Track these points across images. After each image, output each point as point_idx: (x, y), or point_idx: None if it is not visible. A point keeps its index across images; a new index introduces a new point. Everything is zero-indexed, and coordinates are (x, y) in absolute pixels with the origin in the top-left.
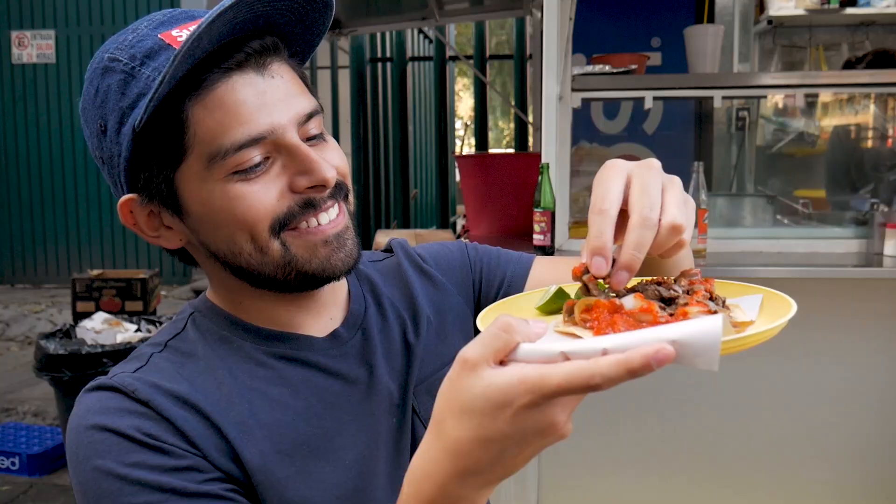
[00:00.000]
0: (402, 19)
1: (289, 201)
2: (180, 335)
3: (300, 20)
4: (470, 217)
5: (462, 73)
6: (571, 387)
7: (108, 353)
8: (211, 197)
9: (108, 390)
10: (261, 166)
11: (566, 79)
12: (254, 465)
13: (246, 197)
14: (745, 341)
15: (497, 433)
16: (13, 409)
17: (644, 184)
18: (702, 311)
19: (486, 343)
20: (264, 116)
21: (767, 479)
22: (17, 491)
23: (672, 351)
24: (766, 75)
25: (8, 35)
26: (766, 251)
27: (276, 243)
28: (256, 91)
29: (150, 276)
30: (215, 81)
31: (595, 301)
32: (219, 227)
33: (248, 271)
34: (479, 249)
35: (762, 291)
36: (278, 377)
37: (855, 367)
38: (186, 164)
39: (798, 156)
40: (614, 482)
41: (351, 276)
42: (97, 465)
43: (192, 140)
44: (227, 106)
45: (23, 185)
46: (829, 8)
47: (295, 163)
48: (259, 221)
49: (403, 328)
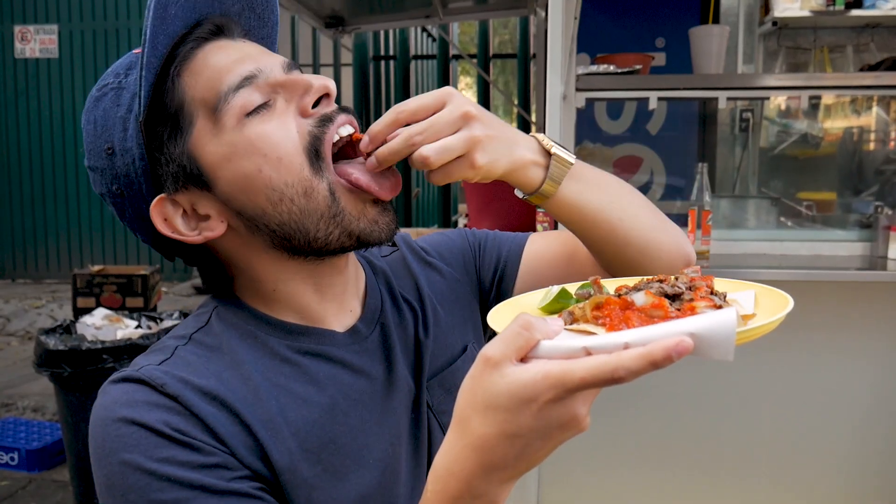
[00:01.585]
0: (406, 17)
1: (307, 125)
2: (205, 328)
3: (251, 8)
4: (471, 216)
5: (465, 71)
6: (596, 380)
7: (108, 349)
8: (234, 148)
9: (135, 382)
10: (266, 106)
11: (570, 78)
12: (282, 465)
13: (267, 134)
14: (756, 331)
15: (522, 428)
16: (13, 404)
17: (442, 116)
18: (708, 306)
19: (508, 341)
20: (249, 63)
21: (768, 479)
22: (17, 486)
23: (691, 343)
24: (770, 77)
25: (11, 29)
26: (769, 253)
27: (323, 186)
28: (233, 49)
29: (151, 273)
30: (192, 51)
31: (606, 298)
32: (252, 179)
33: (290, 227)
34: (477, 233)
35: (754, 287)
36: (304, 374)
37: (858, 370)
38: (196, 129)
39: (802, 158)
40: (614, 480)
41: (367, 268)
42: (125, 459)
43: (192, 105)
44: (211, 64)
45: (24, 180)
46: (834, 10)
47: (293, 90)
48: (291, 154)
49: (416, 322)
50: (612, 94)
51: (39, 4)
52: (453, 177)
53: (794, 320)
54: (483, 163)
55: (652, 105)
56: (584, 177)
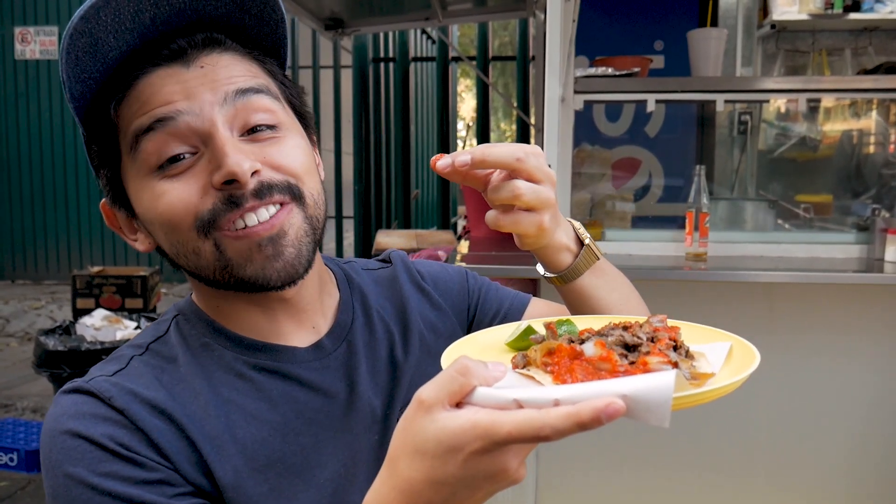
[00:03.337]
0: (405, 19)
1: (213, 198)
2: (163, 338)
3: (243, 10)
4: (471, 218)
5: (465, 73)
6: (521, 436)
7: (106, 349)
8: (141, 195)
9: (84, 394)
10: (183, 160)
11: (568, 81)
12: (226, 482)
13: (166, 194)
14: (698, 398)
15: (448, 476)
16: (12, 404)
17: (540, 164)
18: (662, 362)
19: (443, 385)
20: (180, 101)
21: (766, 481)
22: (15, 487)
23: (622, 405)
24: (768, 80)
25: (11, 31)
26: (766, 255)
27: (209, 245)
28: (177, 80)
29: (150, 274)
30: (138, 78)
31: (557, 345)
32: (154, 227)
33: (197, 274)
34: (479, 279)
35: (731, 339)
36: (257, 390)
37: (855, 372)
38: (123, 164)
39: (800, 160)
40: (611, 482)
41: (344, 283)
42: (69, 472)
43: (122, 138)
44: (143, 98)
45: (24, 181)
46: (832, 13)
47: (211, 157)
48: (181, 220)
49: (391, 343)
50: (610, 97)
51: (40, 6)
52: (519, 226)
53: (790, 323)
54: (548, 227)
55: (650, 107)
56: (605, 273)
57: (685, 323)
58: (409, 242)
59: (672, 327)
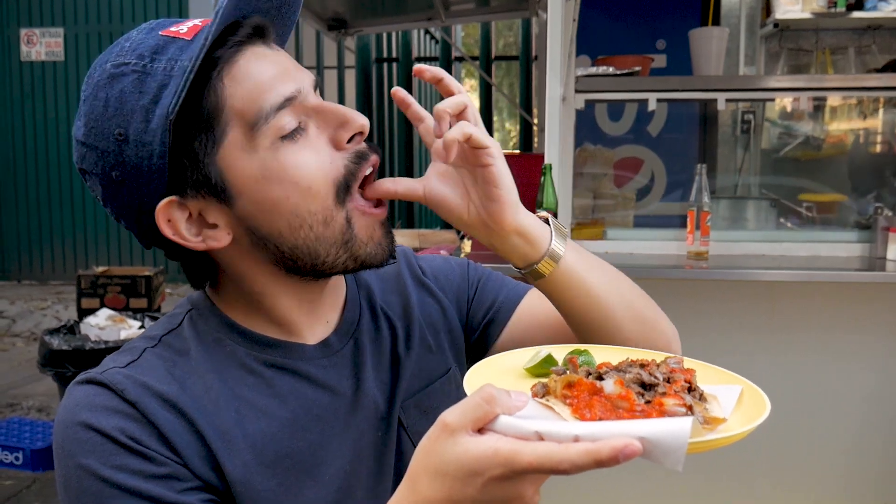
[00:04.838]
0: (408, 20)
1: (342, 160)
2: (175, 331)
3: (277, 8)
4: None
5: (468, 73)
6: (540, 468)
7: (111, 349)
8: (266, 171)
9: (97, 385)
10: (299, 131)
11: (570, 80)
12: (235, 477)
13: (302, 164)
14: (711, 444)
15: (466, 498)
16: (18, 404)
17: None
18: (677, 404)
19: (468, 411)
20: (288, 80)
21: (766, 480)
22: (21, 486)
23: (640, 447)
24: (771, 78)
25: (17, 32)
26: (768, 254)
27: (341, 217)
28: (272, 60)
29: (154, 274)
30: (233, 55)
31: (577, 379)
32: (277, 204)
33: (302, 251)
34: (480, 269)
35: (742, 383)
36: (267, 386)
37: (856, 370)
38: (228, 141)
39: (803, 159)
40: (612, 480)
41: (351, 279)
42: (81, 463)
43: (229, 115)
44: (254, 74)
45: (30, 182)
46: (835, 12)
47: (328, 119)
48: (322, 186)
49: (395, 339)
50: (612, 96)
51: (45, 7)
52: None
53: (792, 321)
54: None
55: (651, 106)
56: (581, 251)
57: (697, 362)
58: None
59: (688, 370)
